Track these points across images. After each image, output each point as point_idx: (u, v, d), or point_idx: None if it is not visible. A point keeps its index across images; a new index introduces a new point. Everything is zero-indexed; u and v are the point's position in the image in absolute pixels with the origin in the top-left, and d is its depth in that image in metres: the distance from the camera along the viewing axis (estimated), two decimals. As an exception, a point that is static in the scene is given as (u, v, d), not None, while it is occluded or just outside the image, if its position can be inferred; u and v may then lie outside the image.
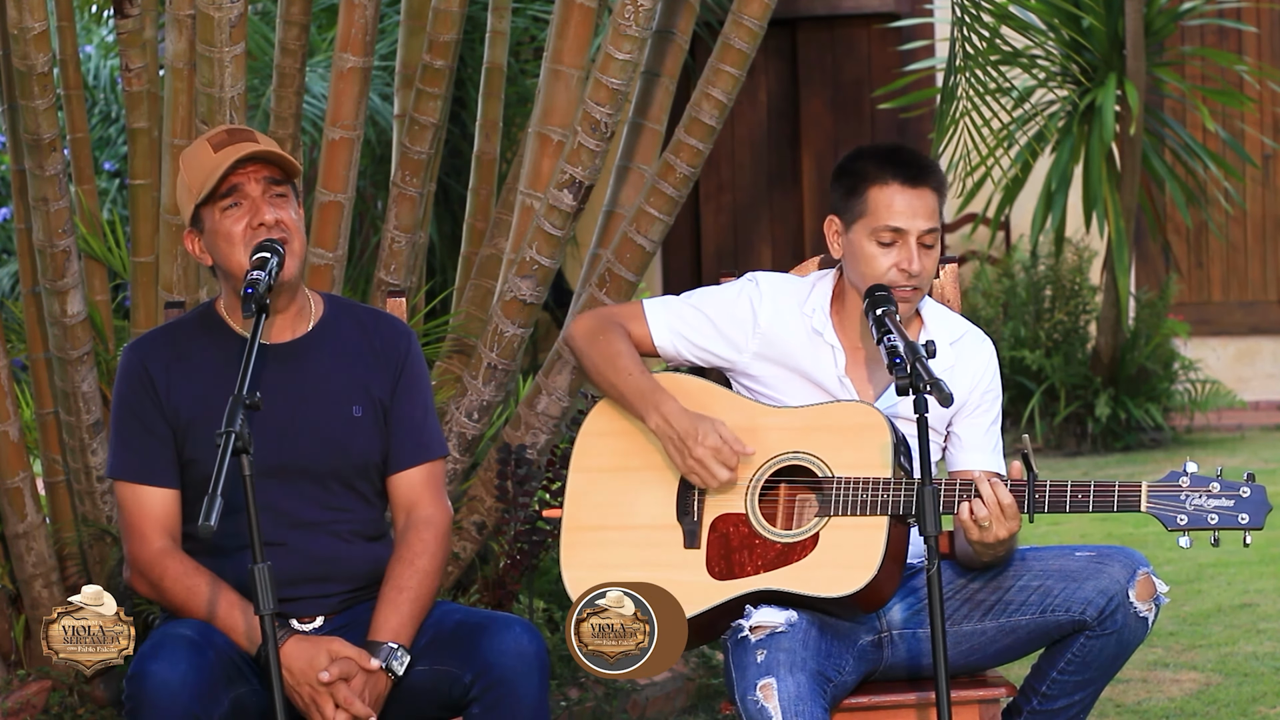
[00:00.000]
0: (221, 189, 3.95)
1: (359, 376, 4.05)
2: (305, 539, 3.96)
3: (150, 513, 3.96)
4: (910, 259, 4.11)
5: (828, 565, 3.95)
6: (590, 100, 5.30)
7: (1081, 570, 4.02)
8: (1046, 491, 3.92)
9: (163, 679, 3.67)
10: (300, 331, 4.06)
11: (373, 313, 4.19)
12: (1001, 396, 4.26)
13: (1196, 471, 3.94)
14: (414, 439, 4.07)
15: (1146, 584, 4.00)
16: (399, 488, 4.07)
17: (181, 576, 3.90)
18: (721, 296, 4.25)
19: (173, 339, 4.05)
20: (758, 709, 3.82)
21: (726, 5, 6.37)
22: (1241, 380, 12.41)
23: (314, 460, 3.97)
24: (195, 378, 3.97)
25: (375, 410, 4.05)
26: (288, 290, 4.01)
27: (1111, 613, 3.98)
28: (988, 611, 4.08)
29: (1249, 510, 3.92)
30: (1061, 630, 4.03)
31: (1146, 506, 3.92)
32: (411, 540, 4.01)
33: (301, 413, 3.99)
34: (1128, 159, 10.77)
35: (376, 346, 4.09)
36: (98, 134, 10.53)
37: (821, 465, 4.02)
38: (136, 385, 3.99)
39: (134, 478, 3.97)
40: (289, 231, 3.96)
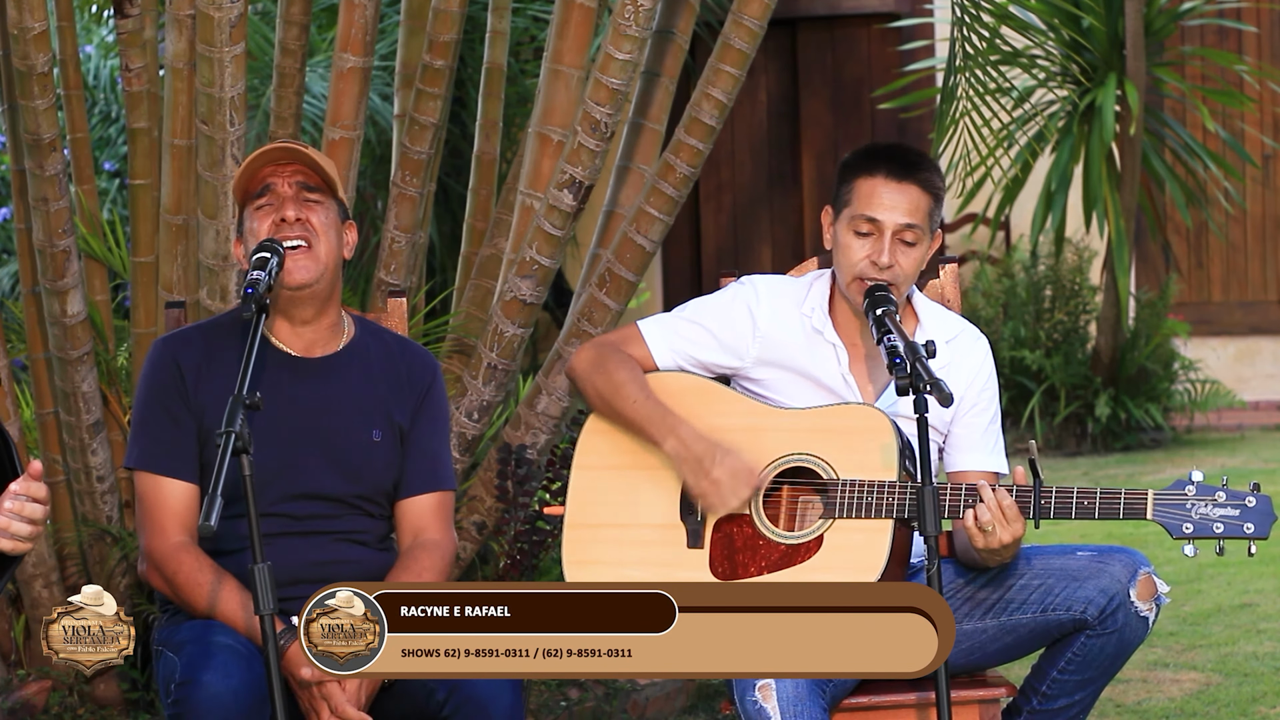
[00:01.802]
0: (255, 188, 3.97)
1: (381, 400, 4.06)
2: (311, 542, 3.96)
3: (170, 506, 3.96)
4: (881, 252, 4.10)
5: (832, 568, 3.95)
6: (590, 100, 5.30)
7: (1083, 569, 4.02)
8: (1053, 498, 3.92)
9: (215, 691, 3.68)
10: (332, 349, 4.07)
11: (401, 340, 4.20)
12: (999, 395, 4.25)
13: (1202, 480, 3.94)
14: (428, 468, 4.08)
15: (1148, 584, 4.01)
16: (407, 513, 4.08)
17: (195, 573, 3.90)
18: (717, 306, 4.24)
19: (206, 339, 4.05)
20: (756, 709, 3.82)
21: (726, 5, 6.37)
22: (1241, 380, 12.41)
23: (327, 478, 3.98)
24: (223, 380, 3.96)
25: (394, 435, 4.05)
26: (314, 299, 4.01)
27: (1112, 612, 3.98)
28: (989, 610, 4.08)
29: (1254, 520, 3.92)
30: (1062, 629, 4.03)
31: (1153, 514, 3.93)
32: (419, 555, 4.02)
33: (321, 431, 3.99)
34: (1128, 159, 10.77)
35: (402, 373, 4.10)
36: (98, 134, 10.53)
37: (826, 467, 4.02)
38: (166, 378, 3.99)
39: (156, 469, 3.97)
40: (313, 233, 3.96)
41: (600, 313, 5.54)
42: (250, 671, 3.73)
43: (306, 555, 3.96)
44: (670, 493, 4.10)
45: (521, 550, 5.62)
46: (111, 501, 5.56)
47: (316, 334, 4.05)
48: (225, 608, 3.87)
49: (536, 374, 5.74)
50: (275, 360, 4.01)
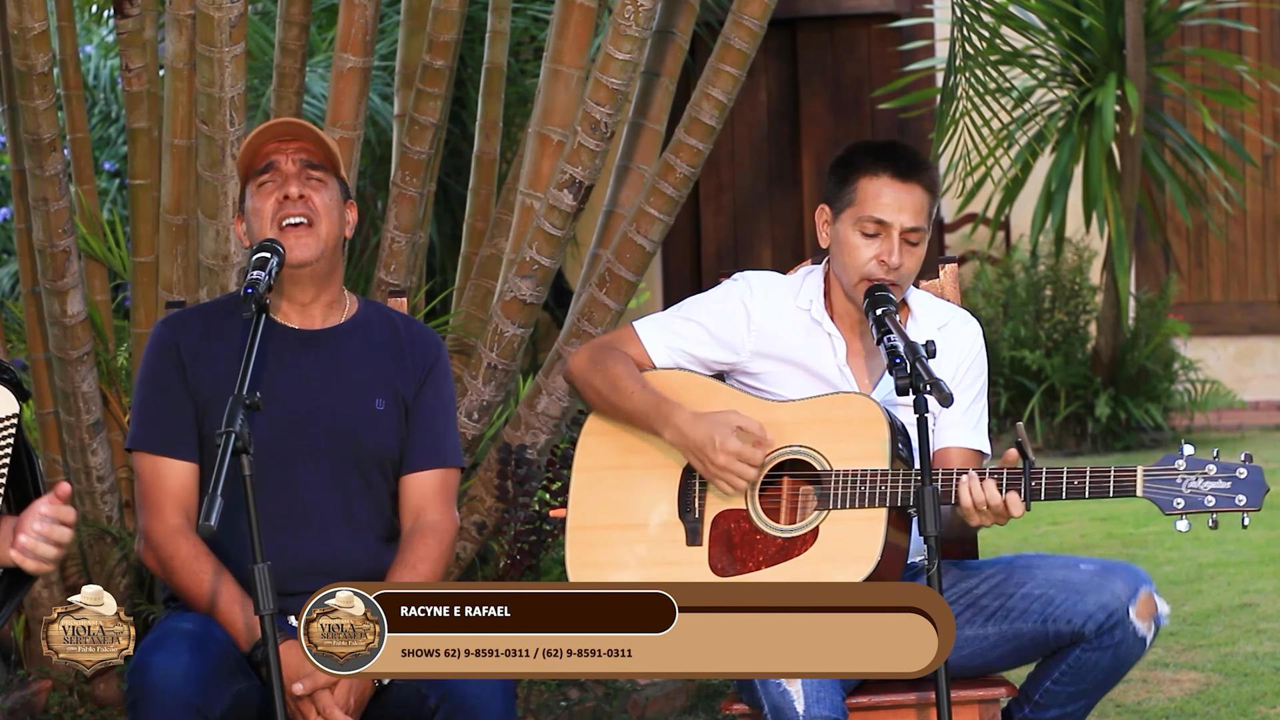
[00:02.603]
0: (258, 164, 3.98)
1: (385, 371, 4.06)
2: (314, 530, 3.96)
3: (168, 486, 3.97)
4: (891, 251, 4.10)
5: (828, 559, 3.95)
6: (590, 100, 5.30)
7: (1085, 583, 4.01)
8: (1043, 478, 3.92)
9: (164, 670, 3.67)
10: (332, 321, 4.08)
11: (406, 318, 4.21)
12: (985, 375, 4.24)
13: (1193, 454, 3.92)
14: (431, 443, 4.08)
15: (1148, 602, 4.00)
16: (409, 489, 4.08)
17: (190, 560, 3.90)
18: (711, 302, 4.24)
19: (206, 318, 4.07)
20: (780, 693, 3.83)
21: (726, 5, 6.37)
22: (1241, 380, 12.41)
23: (329, 446, 3.98)
24: (222, 356, 3.98)
25: (398, 406, 4.05)
26: (315, 278, 4.02)
27: (1110, 628, 3.98)
28: (990, 617, 4.08)
29: (1246, 491, 3.90)
30: (1060, 641, 4.03)
31: (1143, 490, 3.91)
32: (416, 545, 4.01)
33: (323, 399, 4.00)
34: (1128, 159, 10.77)
35: (406, 346, 4.11)
36: (98, 134, 10.52)
37: (820, 458, 4.02)
38: (164, 358, 4.00)
39: (154, 449, 3.98)
40: (315, 212, 3.97)
41: (600, 313, 5.54)
42: (201, 652, 3.72)
43: (308, 548, 3.94)
44: (668, 491, 4.11)
45: (521, 550, 5.62)
46: (111, 501, 5.56)
47: (317, 309, 4.06)
48: (223, 607, 3.87)
49: (536, 374, 5.74)
50: (276, 334, 4.01)
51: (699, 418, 4.04)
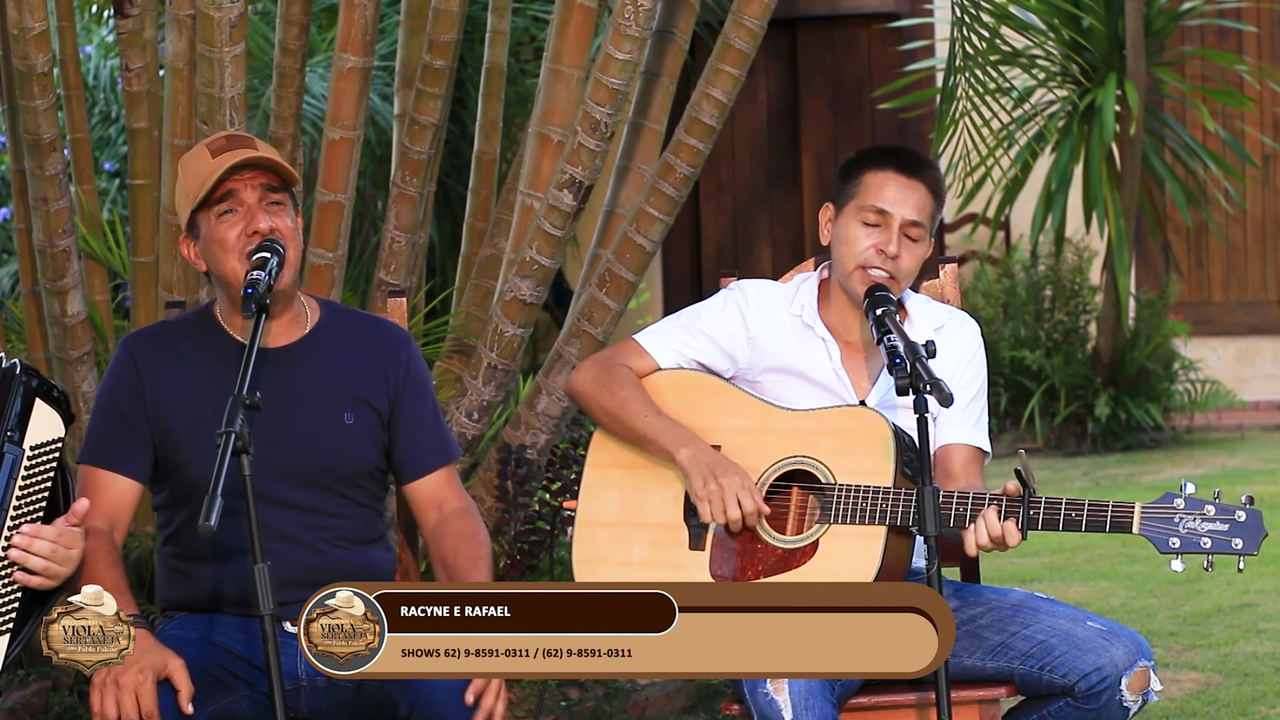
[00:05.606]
0: (217, 194, 3.93)
1: (352, 383, 4.03)
2: (291, 549, 3.94)
3: (104, 496, 3.93)
4: (890, 241, 4.11)
5: (826, 573, 3.95)
6: (590, 100, 5.30)
7: (1088, 641, 4.00)
8: (1041, 509, 3.92)
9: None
10: (294, 336, 4.04)
11: (369, 319, 4.17)
12: (985, 373, 4.25)
13: (1193, 494, 3.89)
14: (430, 444, 4.08)
15: (1142, 677, 3.99)
16: (422, 491, 4.08)
17: (90, 553, 3.82)
18: (711, 310, 4.25)
19: (170, 337, 4.04)
20: (768, 702, 3.83)
21: (726, 5, 6.37)
22: (1241, 380, 12.41)
23: (302, 467, 3.96)
24: (187, 380, 3.96)
25: (369, 417, 4.03)
26: (283, 298, 3.99)
27: (1099, 691, 3.98)
28: (990, 652, 4.09)
29: (1244, 535, 3.85)
30: (1050, 689, 4.04)
31: (1139, 528, 3.89)
32: (461, 521, 4.04)
33: (292, 419, 3.96)
34: (1128, 159, 10.77)
35: (373, 353, 4.07)
36: (98, 134, 10.53)
37: (824, 471, 4.02)
38: (123, 375, 3.99)
39: (97, 461, 3.97)
40: (284, 239, 3.93)
41: (600, 313, 5.55)
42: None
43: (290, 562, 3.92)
44: (675, 493, 4.12)
45: (521, 550, 5.62)
46: (111, 501, 5.55)
47: (280, 325, 4.02)
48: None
49: (536, 374, 5.74)
50: (235, 354, 3.95)
51: (715, 453, 4.06)
